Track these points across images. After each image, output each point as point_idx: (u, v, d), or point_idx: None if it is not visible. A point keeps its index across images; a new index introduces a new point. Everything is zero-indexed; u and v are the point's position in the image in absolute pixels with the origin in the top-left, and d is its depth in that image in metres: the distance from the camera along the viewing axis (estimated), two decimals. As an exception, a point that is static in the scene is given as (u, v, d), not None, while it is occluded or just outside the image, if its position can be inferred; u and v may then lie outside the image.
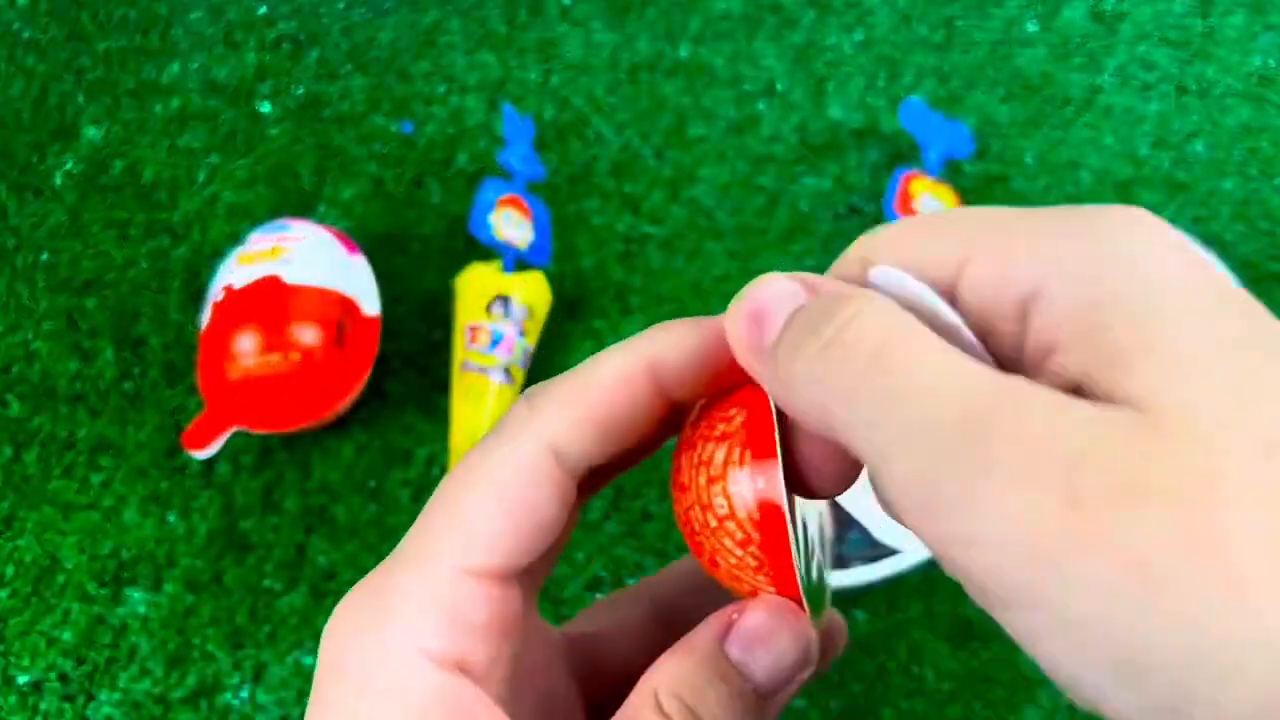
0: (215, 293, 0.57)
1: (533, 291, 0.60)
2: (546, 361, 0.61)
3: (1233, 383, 0.14)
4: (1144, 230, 0.17)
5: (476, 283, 0.59)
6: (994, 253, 0.18)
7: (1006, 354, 0.18)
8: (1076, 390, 0.16)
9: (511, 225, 0.61)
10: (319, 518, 0.57)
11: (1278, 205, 0.66)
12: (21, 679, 0.54)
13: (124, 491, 0.58)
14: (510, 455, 0.20)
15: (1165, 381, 0.14)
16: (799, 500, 0.21)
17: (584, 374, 0.21)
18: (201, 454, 0.56)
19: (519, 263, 0.60)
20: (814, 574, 0.22)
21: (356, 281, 0.59)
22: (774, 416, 0.20)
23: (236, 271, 0.57)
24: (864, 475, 0.20)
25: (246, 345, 0.55)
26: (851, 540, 0.52)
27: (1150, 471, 0.14)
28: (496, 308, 0.59)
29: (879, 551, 0.52)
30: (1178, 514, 0.13)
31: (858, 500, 0.52)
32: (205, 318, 0.57)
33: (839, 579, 0.52)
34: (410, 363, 0.62)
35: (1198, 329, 0.15)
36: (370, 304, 0.59)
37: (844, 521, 0.52)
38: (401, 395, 0.61)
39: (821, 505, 0.25)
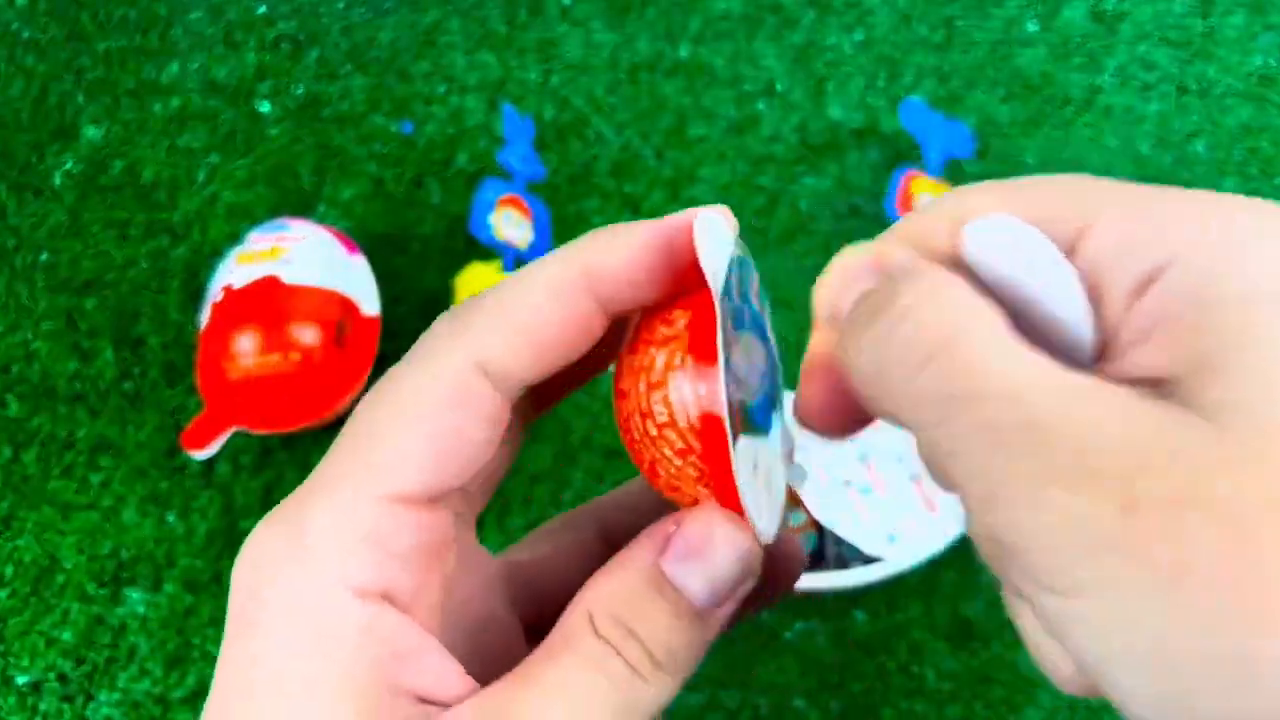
0: (215, 293, 0.57)
1: (532, 291, 0.60)
2: (546, 361, 0.61)
3: None
4: (1272, 230, 0.16)
5: (476, 283, 0.59)
6: (1124, 221, 0.17)
7: (1104, 328, 0.17)
8: (1156, 384, 0.16)
9: (511, 225, 0.61)
10: (319, 518, 0.57)
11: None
12: (21, 679, 0.54)
13: (123, 491, 0.58)
14: (432, 373, 0.19)
15: (1245, 398, 0.14)
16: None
17: (513, 285, 0.20)
18: (201, 454, 0.56)
19: (519, 263, 0.60)
20: (765, 485, 0.21)
21: (356, 281, 0.59)
22: (718, 320, 0.19)
23: (236, 271, 0.57)
24: (850, 497, 0.20)
25: (246, 345, 0.55)
26: (848, 544, 0.52)
27: (1207, 485, 0.14)
28: (496, 308, 0.59)
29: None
30: (1225, 529, 0.13)
31: (842, 518, 0.52)
32: (205, 318, 0.57)
33: (838, 580, 0.52)
34: (410, 363, 0.61)
35: None
36: (370, 304, 0.59)
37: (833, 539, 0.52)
38: (401, 395, 0.61)
39: (786, 416, 0.23)
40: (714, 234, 0.20)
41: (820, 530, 0.51)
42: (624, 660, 0.18)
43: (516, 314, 0.19)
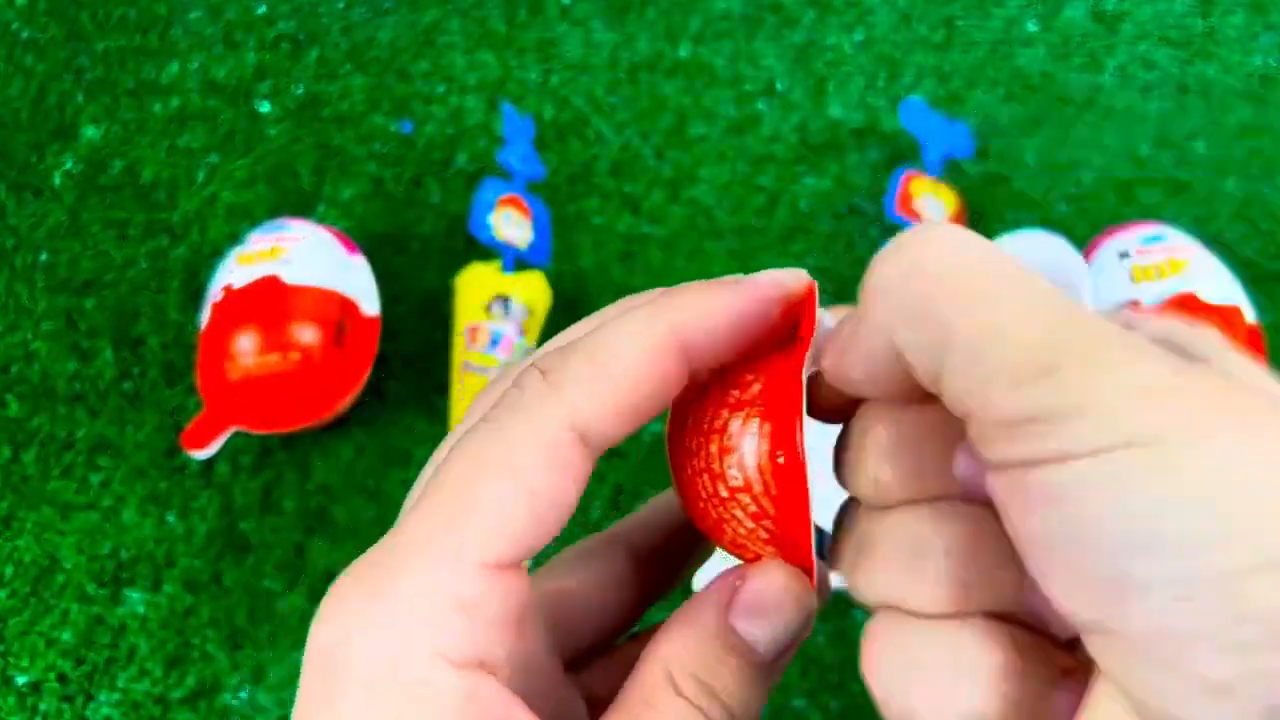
0: (215, 293, 0.57)
1: (533, 291, 0.59)
2: (546, 361, 0.61)
3: None
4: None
5: (476, 283, 0.59)
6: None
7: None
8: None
9: (511, 225, 0.61)
10: (318, 518, 0.57)
11: (1278, 205, 0.65)
12: (20, 679, 0.54)
13: (123, 491, 0.58)
14: (531, 438, 0.18)
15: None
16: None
17: (606, 344, 0.19)
18: (201, 454, 0.56)
19: (519, 263, 0.60)
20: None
21: (356, 281, 0.59)
22: (801, 389, 0.18)
23: (236, 271, 0.57)
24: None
25: (246, 345, 0.55)
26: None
27: (1224, 402, 0.14)
28: (496, 308, 0.58)
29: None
30: (1240, 435, 0.14)
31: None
32: (205, 318, 0.57)
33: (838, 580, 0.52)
34: (410, 363, 0.61)
35: None
36: (370, 304, 0.59)
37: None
38: (401, 395, 0.60)
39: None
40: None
41: (819, 531, 0.51)
42: (701, 712, 0.19)
43: (610, 374, 0.18)
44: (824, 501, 0.20)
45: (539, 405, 0.18)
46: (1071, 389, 0.15)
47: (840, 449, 0.21)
